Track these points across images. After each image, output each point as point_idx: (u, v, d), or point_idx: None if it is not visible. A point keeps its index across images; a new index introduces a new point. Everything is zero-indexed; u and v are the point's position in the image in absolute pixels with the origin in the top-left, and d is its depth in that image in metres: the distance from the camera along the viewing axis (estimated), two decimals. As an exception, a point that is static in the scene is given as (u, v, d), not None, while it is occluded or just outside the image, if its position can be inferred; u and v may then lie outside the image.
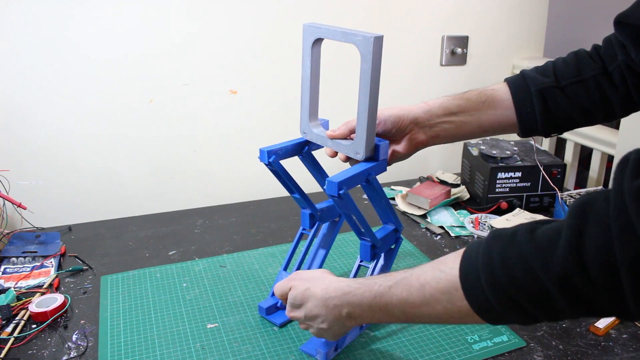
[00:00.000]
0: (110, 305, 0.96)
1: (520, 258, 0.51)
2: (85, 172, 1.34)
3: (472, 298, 0.56)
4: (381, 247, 0.84)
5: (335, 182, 0.71)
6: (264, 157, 0.82)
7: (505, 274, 0.52)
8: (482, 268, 0.54)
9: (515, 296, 0.52)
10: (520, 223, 0.55)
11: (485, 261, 0.54)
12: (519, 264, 0.51)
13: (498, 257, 0.53)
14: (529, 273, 0.51)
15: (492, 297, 0.54)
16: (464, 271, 0.57)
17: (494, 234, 0.56)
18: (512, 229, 0.55)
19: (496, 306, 0.54)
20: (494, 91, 0.85)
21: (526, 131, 0.84)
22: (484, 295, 0.54)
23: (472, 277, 0.56)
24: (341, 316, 0.71)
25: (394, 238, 0.87)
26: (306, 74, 0.80)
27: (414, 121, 0.83)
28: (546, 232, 0.51)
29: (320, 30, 0.76)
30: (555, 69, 0.83)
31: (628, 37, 0.75)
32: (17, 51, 1.21)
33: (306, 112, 0.83)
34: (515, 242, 0.53)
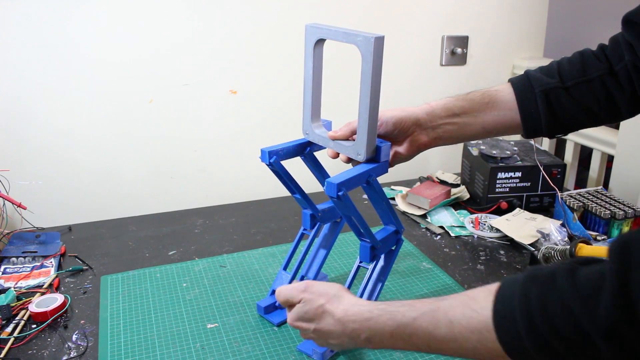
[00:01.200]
0: (110, 305, 0.96)
1: (563, 306, 0.48)
2: (85, 172, 1.34)
3: (506, 342, 0.52)
4: (381, 249, 0.83)
5: (334, 183, 0.70)
6: (265, 158, 0.82)
7: (546, 321, 0.49)
8: (519, 312, 0.51)
9: (555, 345, 0.49)
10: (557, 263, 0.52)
11: (522, 305, 0.51)
12: (561, 312, 0.48)
13: (537, 302, 0.50)
14: (572, 323, 0.47)
15: (530, 344, 0.50)
16: (498, 313, 0.53)
17: (530, 275, 0.53)
18: (550, 269, 0.51)
19: (532, 352, 0.51)
20: (498, 92, 0.84)
21: (530, 132, 0.83)
22: (520, 341, 0.51)
23: (507, 321, 0.52)
24: (358, 339, 0.67)
25: (394, 239, 0.87)
26: (308, 75, 0.79)
27: (416, 122, 0.82)
28: (588, 277, 0.48)
29: (322, 31, 0.75)
30: (560, 69, 0.82)
31: (636, 36, 0.74)
32: (17, 51, 1.21)
33: (308, 113, 0.82)
34: (556, 286, 0.49)
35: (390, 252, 0.87)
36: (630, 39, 0.76)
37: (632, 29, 0.75)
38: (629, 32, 0.76)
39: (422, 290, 1.00)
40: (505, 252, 1.13)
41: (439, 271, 1.06)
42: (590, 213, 1.17)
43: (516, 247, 1.15)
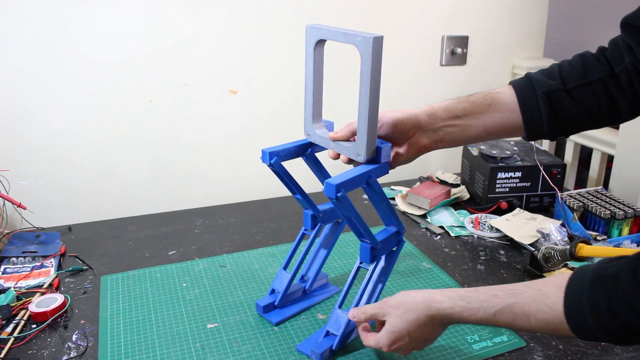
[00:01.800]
0: (110, 305, 0.96)
1: (628, 304, 0.56)
2: (85, 172, 1.34)
3: (577, 332, 0.61)
4: (381, 250, 0.83)
5: (333, 184, 0.70)
6: (265, 159, 0.81)
7: (613, 318, 0.57)
8: (588, 310, 0.58)
9: (623, 334, 0.58)
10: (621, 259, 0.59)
11: (590, 303, 0.58)
12: (627, 309, 0.56)
13: (604, 302, 0.57)
14: (637, 318, 0.56)
15: (599, 333, 0.59)
16: (570, 310, 0.60)
17: (596, 275, 0.60)
18: (615, 268, 0.59)
19: (601, 338, 0.60)
20: (499, 94, 0.84)
21: (532, 134, 0.83)
22: (590, 331, 0.59)
23: (578, 316, 0.60)
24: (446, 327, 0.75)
25: (395, 240, 0.86)
26: (309, 76, 0.79)
27: (417, 125, 0.82)
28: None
29: (322, 32, 0.75)
30: (561, 72, 0.82)
31: (635, 39, 0.74)
32: (17, 51, 1.21)
33: (309, 113, 0.82)
34: (620, 287, 0.57)
35: (391, 252, 0.87)
36: (629, 42, 0.76)
37: (631, 31, 0.75)
38: (628, 35, 0.76)
39: (422, 290, 1.00)
40: (505, 252, 1.13)
41: (439, 271, 1.06)
42: (590, 213, 1.17)
43: (516, 247, 1.15)
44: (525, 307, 0.64)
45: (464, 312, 0.69)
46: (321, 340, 0.83)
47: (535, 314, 0.63)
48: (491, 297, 0.68)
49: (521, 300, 0.65)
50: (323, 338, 0.84)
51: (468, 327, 0.89)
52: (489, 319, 0.67)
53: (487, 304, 0.68)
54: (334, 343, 0.82)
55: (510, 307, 0.65)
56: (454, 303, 0.71)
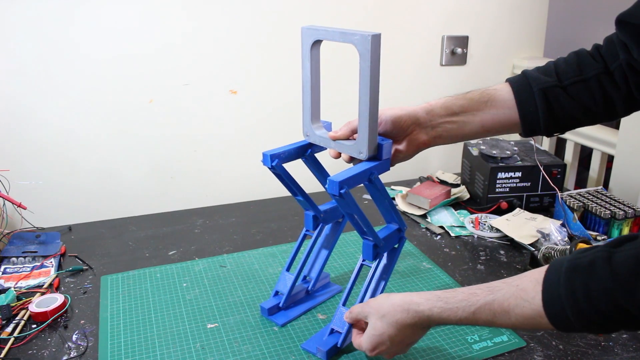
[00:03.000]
0: (110, 305, 0.96)
1: (605, 293, 0.55)
2: (85, 172, 1.34)
3: (556, 324, 0.60)
4: (384, 247, 0.84)
5: (336, 181, 0.71)
6: (267, 161, 0.82)
7: (591, 307, 0.56)
8: (566, 301, 0.58)
9: (602, 323, 0.57)
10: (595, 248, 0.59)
11: (568, 294, 0.58)
12: (604, 298, 0.56)
13: (581, 291, 0.57)
14: (615, 306, 0.55)
15: (578, 324, 0.58)
16: (547, 302, 0.60)
17: (571, 265, 0.59)
18: (589, 257, 0.58)
19: (581, 329, 0.60)
20: (496, 91, 0.85)
21: (529, 131, 0.84)
22: (570, 322, 0.59)
23: (556, 308, 0.60)
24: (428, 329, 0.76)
25: (397, 238, 0.87)
26: (306, 77, 0.80)
27: (416, 121, 0.83)
28: (625, 263, 0.55)
29: (318, 32, 0.76)
30: (557, 69, 0.83)
31: (630, 36, 0.75)
32: (17, 51, 1.21)
33: (308, 114, 0.82)
34: (596, 275, 0.56)
35: (393, 250, 0.87)
36: (624, 39, 0.77)
37: (625, 29, 0.76)
38: (622, 32, 0.77)
39: (423, 290, 1.00)
40: (505, 252, 1.13)
41: (439, 271, 1.06)
42: (590, 213, 1.17)
43: (516, 247, 1.15)
44: (504, 303, 0.64)
45: (443, 313, 0.69)
46: (326, 338, 0.84)
47: (514, 310, 0.63)
48: (469, 296, 0.68)
49: (499, 296, 0.65)
50: (328, 336, 0.84)
51: (468, 327, 0.89)
52: (468, 317, 0.67)
53: (465, 302, 0.68)
54: (339, 341, 0.82)
55: (489, 304, 0.65)
56: (432, 304, 0.70)
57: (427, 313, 0.70)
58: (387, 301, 0.75)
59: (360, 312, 0.78)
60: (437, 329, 0.89)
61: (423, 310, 0.71)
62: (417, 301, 0.72)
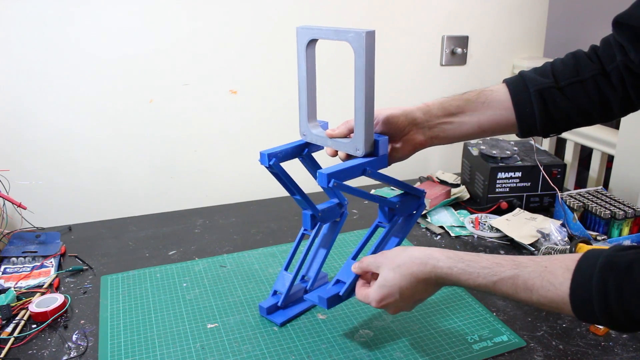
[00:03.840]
0: (110, 305, 0.96)
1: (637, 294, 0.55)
2: (85, 172, 1.34)
3: (580, 315, 0.60)
4: (399, 210, 0.84)
5: (325, 173, 0.72)
6: (264, 160, 0.82)
7: (621, 308, 0.56)
8: (596, 297, 0.57)
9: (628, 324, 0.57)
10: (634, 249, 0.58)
11: (599, 291, 0.57)
12: (637, 302, 0.55)
13: (614, 291, 0.56)
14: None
15: (602, 319, 0.58)
16: (575, 293, 0.59)
17: (608, 261, 0.58)
18: (628, 257, 0.57)
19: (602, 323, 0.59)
20: (493, 92, 0.85)
21: (525, 131, 0.85)
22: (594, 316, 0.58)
23: (584, 301, 0.59)
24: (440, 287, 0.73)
25: (415, 204, 0.87)
26: (302, 76, 0.80)
27: (413, 122, 0.83)
28: None
29: (313, 32, 0.76)
30: (553, 70, 0.83)
31: (627, 37, 0.75)
32: (17, 51, 1.21)
33: (304, 114, 0.83)
34: (632, 278, 0.55)
35: (411, 215, 0.88)
36: (621, 40, 0.77)
37: (622, 30, 0.76)
38: (619, 33, 0.77)
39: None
40: (506, 252, 1.13)
41: (439, 271, 1.06)
42: (590, 213, 1.17)
43: (516, 247, 1.14)
44: (529, 281, 0.63)
45: (462, 275, 0.67)
46: (330, 287, 0.83)
47: (538, 290, 0.62)
48: (493, 265, 0.66)
49: (525, 273, 0.63)
50: (332, 285, 0.84)
51: (468, 327, 0.89)
52: (488, 285, 0.66)
53: (488, 270, 0.66)
54: (341, 290, 0.82)
55: (513, 278, 0.64)
56: (453, 264, 0.69)
57: (446, 271, 0.69)
58: (404, 252, 0.73)
59: (372, 262, 0.76)
60: (437, 328, 0.89)
61: (442, 267, 0.69)
62: (438, 257, 0.70)
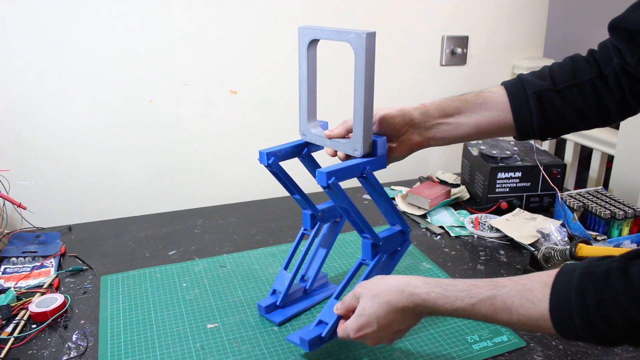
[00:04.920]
0: (110, 305, 0.96)
1: (618, 305, 0.54)
2: (85, 172, 1.34)
3: (562, 331, 0.58)
4: (384, 247, 0.83)
5: (324, 172, 0.71)
6: (263, 159, 0.82)
7: (602, 318, 0.55)
8: (575, 309, 0.56)
9: (608, 333, 0.55)
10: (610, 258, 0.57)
11: (578, 302, 0.56)
12: (616, 311, 0.54)
13: (593, 300, 0.55)
14: (627, 321, 0.53)
15: (584, 334, 0.56)
16: (555, 307, 0.58)
17: (585, 272, 0.57)
18: (604, 267, 0.56)
19: (586, 339, 0.57)
20: (491, 93, 0.85)
21: (523, 134, 0.85)
22: (576, 331, 0.57)
23: (564, 315, 0.57)
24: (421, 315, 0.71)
25: (400, 240, 0.85)
26: (303, 76, 0.80)
27: (410, 122, 0.83)
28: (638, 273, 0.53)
29: (315, 32, 0.76)
30: (551, 73, 0.83)
31: (623, 41, 0.75)
32: (17, 51, 1.21)
33: (304, 113, 0.83)
34: (610, 285, 0.54)
35: (396, 252, 0.86)
36: (617, 44, 0.77)
37: (618, 34, 0.76)
38: (615, 37, 0.77)
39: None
40: (505, 252, 1.13)
41: (439, 271, 1.06)
42: (590, 213, 1.17)
43: (516, 247, 1.15)
44: (508, 300, 0.61)
45: (440, 300, 0.66)
46: (312, 328, 0.81)
47: (517, 309, 0.60)
48: (471, 287, 0.65)
49: (503, 292, 0.62)
50: (314, 326, 0.81)
51: (468, 327, 0.89)
52: (466, 309, 0.64)
53: (465, 293, 0.65)
54: (323, 331, 0.79)
55: (492, 298, 0.63)
56: (430, 289, 0.67)
57: (423, 297, 0.67)
58: (382, 281, 0.71)
59: (351, 295, 0.74)
60: (437, 328, 0.89)
61: (419, 294, 0.67)
62: (415, 283, 0.68)
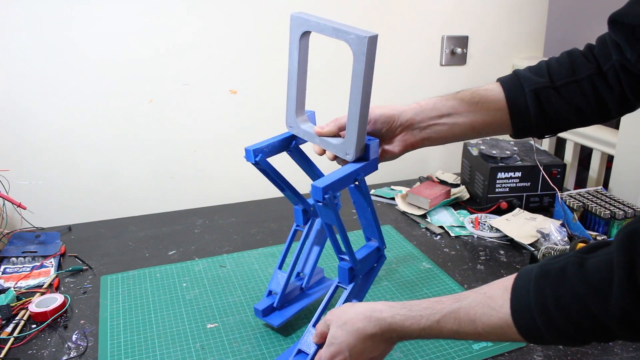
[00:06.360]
0: (110, 305, 0.96)
1: (576, 299, 0.53)
2: (85, 172, 1.34)
3: (525, 334, 0.57)
4: (360, 269, 0.78)
5: (320, 187, 0.66)
6: (250, 157, 0.78)
7: (561, 314, 0.54)
8: (535, 308, 0.55)
9: (571, 331, 0.54)
10: (566, 254, 0.56)
11: (538, 301, 0.55)
12: (575, 305, 0.53)
13: (551, 297, 0.54)
14: (586, 314, 0.52)
15: (548, 334, 0.55)
16: (516, 310, 0.57)
17: (542, 271, 0.57)
18: (560, 263, 0.55)
19: (551, 339, 0.56)
20: (487, 91, 0.83)
21: (520, 132, 0.83)
22: (539, 332, 0.56)
23: (525, 316, 0.56)
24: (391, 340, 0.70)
25: (375, 257, 0.81)
26: (293, 67, 0.75)
27: (405, 122, 0.81)
28: (598, 269, 0.52)
29: (309, 23, 0.70)
30: (549, 69, 0.81)
31: (622, 36, 0.74)
32: (17, 51, 1.21)
33: (293, 105, 0.78)
34: (567, 280, 0.54)
35: (372, 269, 0.82)
36: (617, 39, 0.75)
37: (617, 29, 0.74)
38: (615, 32, 0.75)
39: (422, 290, 1.00)
40: (505, 252, 1.13)
41: (438, 271, 1.06)
42: (590, 213, 1.17)
43: (516, 247, 1.15)
44: (470, 311, 0.60)
45: (406, 321, 0.65)
46: (292, 358, 0.76)
47: (480, 318, 0.59)
48: (434, 304, 0.64)
49: (466, 304, 0.61)
50: (294, 357, 0.76)
51: (468, 327, 0.89)
52: (432, 326, 0.63)
53: (430, 310, 0.64)
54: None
55: (455, 312, 0.61)
56: (395, 311, 0.66)
57: (389, 320, 0.66)
58: (350, 309, 0.70)
59: (322, 323, 0.73)
60: (437, 329, 0.88)
61: (385, 318, 0.66)
62: (380, 308, 0.68)
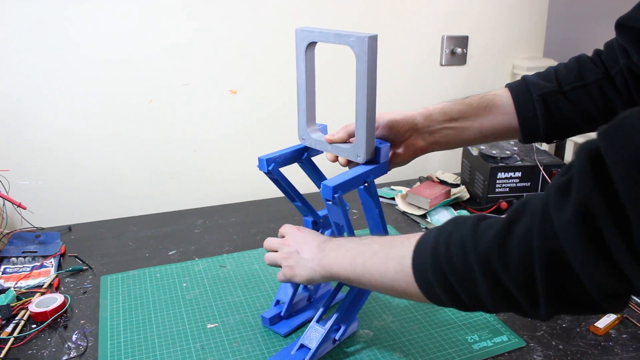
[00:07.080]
0: (110, 305, 0.96)
1: (460, 238, 0.55)
2: (85, 172, 1.34)
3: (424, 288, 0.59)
4: None
5: (330, 186, 0.69)
6: (262, 166, 0.80)
7: (445, 250, 0.56)
8: (431, 241, 0.58)
9: (447, 272, 0.55)
10: None
11: (435, 236, 0.58)
12: (457, 242, 0.55)
13: (445, 235, 0.57)
14: (461, 250, 0.54)
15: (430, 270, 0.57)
16: (418, 243, 0.60)
17: (454, 219, 0.59)
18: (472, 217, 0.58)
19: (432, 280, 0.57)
20: (496, 96, 0.84)
21: (528, 137, 0.83)
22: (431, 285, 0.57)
23: (421, 249, 0.59)
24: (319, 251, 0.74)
25: None
26: (301, 79, 0.78)
27: (413, 127, 0.82)
28: (490, 221, 0.54)
29: (313, 34, 0.74)
30: (557, 74, 0.82)
31: (630, 40, 0.74)
32: (17, 51, 1.21)
33: (303, 117, 0.81)
34: (463, 225, 0.56)
35: None
36: (624, 43, 0.76)
37: (625, 33, 0.75)
38: (622, 36, 0.76)
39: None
40: (505, 252, 1.13)
41: (439, 271, 1.06)
42: (590, 213, 1.16)
43: (516, 247, 1.14)
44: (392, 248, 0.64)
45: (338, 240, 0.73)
46: (294, 353, 0.79)
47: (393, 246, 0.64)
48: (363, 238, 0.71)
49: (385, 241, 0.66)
50: (296, 351, 0.79)
51: (468, 327, 0.89)
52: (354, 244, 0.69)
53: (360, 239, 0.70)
54: (306, 357, 0.78)
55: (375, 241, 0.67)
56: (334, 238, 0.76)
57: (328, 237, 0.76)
58: None
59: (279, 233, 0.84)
60: (437, 328, 0.89)
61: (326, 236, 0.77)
62: None
